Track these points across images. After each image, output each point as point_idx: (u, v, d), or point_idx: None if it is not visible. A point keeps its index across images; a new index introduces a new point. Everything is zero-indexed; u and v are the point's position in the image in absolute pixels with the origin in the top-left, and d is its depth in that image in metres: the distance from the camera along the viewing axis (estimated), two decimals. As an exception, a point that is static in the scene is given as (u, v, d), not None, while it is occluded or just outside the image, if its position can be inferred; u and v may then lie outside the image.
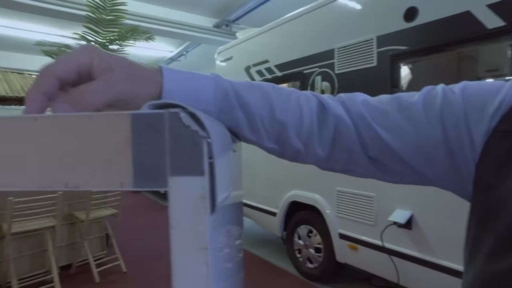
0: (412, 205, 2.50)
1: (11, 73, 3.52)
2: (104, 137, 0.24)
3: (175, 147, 0.24)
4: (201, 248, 0.24)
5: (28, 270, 3.43)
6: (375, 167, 0.46)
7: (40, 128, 0.25)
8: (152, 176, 0.24)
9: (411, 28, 2.39)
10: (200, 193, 0.24)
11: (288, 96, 0.45)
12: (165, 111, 0.24)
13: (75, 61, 0.33)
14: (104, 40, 4.48)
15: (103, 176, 0.24)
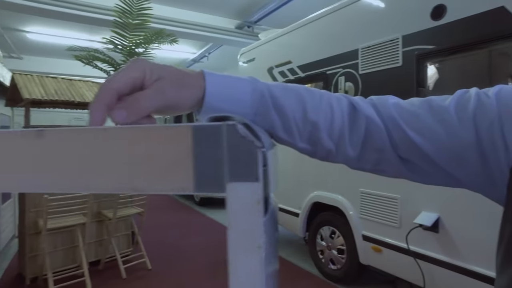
0: (439, 207, 2.44)
1: (46, 77, 3.70)
2: (168, 147, 0.27)
3: (233, 156, 0.26)
4: (257, 247, 0.26)
5: (61, 264, 3.60)
6: (406, 167, 0.47)
7: (110, 137, 0.28)
8: (211, 182, 0.27)
9: (439, 26, 2.34)
10: (256, 197, 0.26)
11: (320, 98, 0.46)
12: (223, 123, 0.26)
13: (130, 75, 0.36)
14: (130, 43, 4.63)
15: (167, 181, 0.27)
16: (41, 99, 3.25)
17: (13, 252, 4.39)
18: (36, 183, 0.31)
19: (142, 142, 0.27)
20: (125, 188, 0.28)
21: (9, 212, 4.75)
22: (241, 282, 0.27)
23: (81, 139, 0.29)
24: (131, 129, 0.28)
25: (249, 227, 0.26)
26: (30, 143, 0.31)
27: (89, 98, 3.74)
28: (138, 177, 0.28)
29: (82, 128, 0.29)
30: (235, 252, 0.27)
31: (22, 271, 3.57)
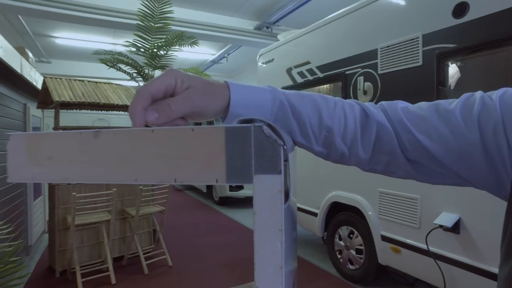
0: (460, 208, 2.40)
1: (73, 80, 3.88)
2: (204, 144, 0.32)
3: (259, 152, 0.31)
4: (278, 230, 0.31)
5: (88, 259, 3.76)
6: (414, 168, 0.50)
7: (156, 137, 0.34)
8: (240, 174, 0.32)
9: (461, 24, 2.31)
10: (278, 187, 0.31)
11: (335, 105, 0.50)
12: (251, 125, 0.31)
13: (164, 82, 0.42)
14: (152, 46, 4.77)
15: (203, 173, 0.32)
16: (69, 101, 3.41)
17: (44, 246, 4.62)
18: (93, 175, 0.37)
19: (183, 140, 0.33)
20: (168, 180, 0.33)
21: (39, 209, 5.00)
22: (265, 259, 0.32)
23: (131, 139, 0.35)
24: (174, 130, 0.33)
25: (271, 212, 0.31)
26: (89, 142, 0.37)
27: (114, 99, 3.89)
28: (179, 170, 0.33)
29: (132, 129, 0.35)
30: (260, 233, 0.32)
31: (52, 264, 3.76)
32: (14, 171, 0.40)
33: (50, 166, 0.38)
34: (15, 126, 3.82)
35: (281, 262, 0.31)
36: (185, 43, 4.89)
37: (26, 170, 0.39)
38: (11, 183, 3.63)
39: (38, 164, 0.38)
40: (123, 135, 0.35)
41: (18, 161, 0.40)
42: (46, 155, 0.38)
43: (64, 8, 5.66)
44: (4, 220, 2.87)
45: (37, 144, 0.39)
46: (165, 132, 0.34)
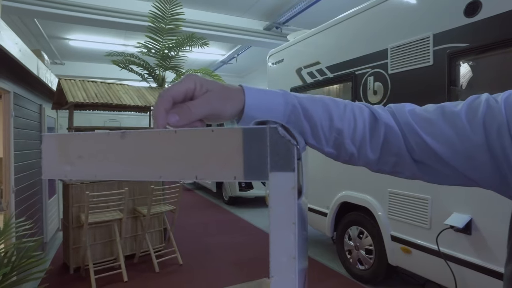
0: (472, 208, 2.39)
1: (87, 82, 3.97)
2: (223, 144, 0.35)
3: (274, 151, 0.34)
4: (291, 223, 0.34)
5: (100, 256, 3.84)
6: (420, 169, 0.51)
7: (179, 137, 0.37)
8: (257, 172, 0.34)
9: (473, 23, 2.29)
10: (291, 184, 0.33)
11: (344, 108, 0.52)
12: (267, 126, 0.34)
13: (184, 86, 0.45)
14: (163, 47, 4.84)
15: (222, 170, 0.35)
16: (83, 102, 3.49)
17: (58, 244, 4.73)
18: (119, 173, 0.40)
19: (203, 141, 0.36)
20: (190, 177, 0.36)
21: (54, 207, 5.12)
22: (279, 250, 0.34)
23: (156, 139, 0.38)
24: (195, 131, 0.36)
25: (285, 207, 0.34)
26: (115, 142, 0.40)
27: (126, 100, 3.96)
28: (200, 168, 0.36)
29: (157, 131, 0.38)
30: (275, 227, 0.34)
31: (66, 261, 3.85)
32: (47, 168, 0.43)
33: (80, 164, 0.41)
34: (31, 126, 3.93)
35: (294, 252, 0.34)
36: (196, 44, 4.94)
37: (58, 168, 0.42)
38: (28, 182, 3.73)
39: (69, 162, 0.42)
40: (148, 136, 0.38)
41: (51, 160, 0.43)
42: (76, 154, 0.42)
43: (78, 11, 5.79)
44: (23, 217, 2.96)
45: (68, 144, 0.42)
46: (187, 133, 0.36)
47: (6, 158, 3.08)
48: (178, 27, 4.69)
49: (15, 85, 3.27)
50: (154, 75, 5.12)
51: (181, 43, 4.77)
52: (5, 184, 3.08)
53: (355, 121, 0.51)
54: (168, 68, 5.01)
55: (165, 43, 4.80)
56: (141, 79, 5.29)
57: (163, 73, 5.07)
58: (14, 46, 2.74)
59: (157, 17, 4.61)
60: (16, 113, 3.26)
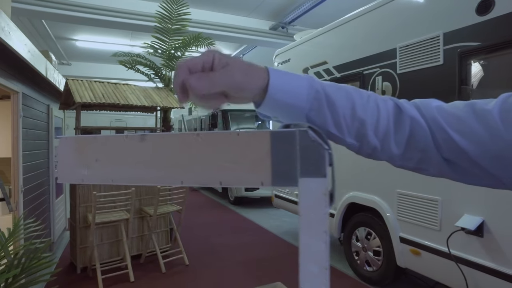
0: (484, 210, 2.34)
1: (94, 82, 3.98)
2: (249, 149, 0.33)
3: (304, 156, 0.32)
4: (323, 232, 0.32)
5: (107, 256, 3.85)
6: (450, 168, 0.49)
7: (202, 141, 0.35)
8: (285, 177, 0.32)
9: (485, 22, 2.25)
10: (323, 190, 0.32)
11: (368, 98, 0.50)
12: (296, 129, 0.32)
13: (200, 58, 0.43)
14: (169, 48, 4.84)
15: (248, 176, 0.33)
16: (90, 102, 3.50)
17: (65, 243, 4.75)
18: (138, 177, 0.38)
19: (228, 144, 0.34)
20: (213, 182, 0.35)
21: (61, 207, 5.15)
22: (310, 260, 0.32)
23: (177, 142, 0.36)
24: (219, 134, 0.34)
25: (316, 215, 0.32)
26: (134, 145, 0.38)
27: (132, 100, 3.96)
28: (224, 173, 0.34)
29: (178, 134, 0.36)
30: (305, 235, 0.32)
31: (73, 260, 3.87)
32: (64, 172, 0.42)
33: (97, 168, 0.40)
34: (39, 126, 3.95)
35: (326, 263, 0.32)
36: (202, 44, 4.94)
37: (75, 171, 0.41)
38: (36, 181, 3.75)
39: (86, 166, 0.40)
40: (168, 139, 0.36)
41: (67, 163, 0.42)
42: (93, 157, 0.40)
43: (84, 11, 5.82)
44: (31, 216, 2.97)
45: (86, 147, 0.41)
46: (211, 136, 0.35)
47: (15, 158, 3.09)
48: (184, 27, 4.69)
49: (23, 85, 3.29)
50: (160, 75, 5.13)
51: (187, 43, 4.77)
52: (14, 184, 3.09)
53: (378, 112, 0.49)
54: (175, 68, 5.00)
55: (171, 43, 4.81)
56: (148, 80, 5.30)
57: (170, 74, 5.07)
58: (23, 47, 2.75)
59: (164, 18, 4.61)
60: (25, 113, 3.28)
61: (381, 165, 0.41)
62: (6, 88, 2.83)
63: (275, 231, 5.48)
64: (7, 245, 1.50)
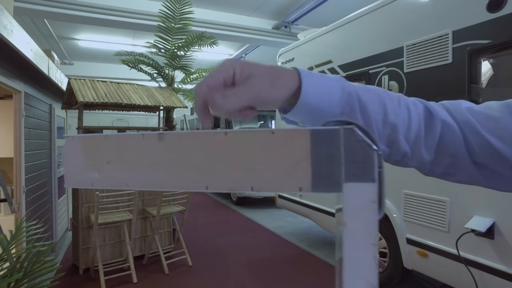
0: (494, 212, 2.30)
1: (97, 81, 3.95)
2: (286, 149, 0.29)
3: (349, 158, 0.28)
4: (371, 244, 0.28)
5: (110, 257, 3.82)
6: (482, 173, 0.46)
7: (229, 140, 0.31)
8: (327, 182, 0.28)
9: (496, 19, 2.20)
10: (371, 197, 0.27)
11: (398, 101, 0.46)
12: (341, 127, 0.28)
13: (221, 74, 0.39)
14: (172, 47, 4.81)
15: (284, 180, 0.29)
16: (93, 102, 3.47)
17: (67, 244, 4.73)
18: (156, 181, 0.34)
19: (261, 144, 0.30)
20: (243, 187, 0.30)
21: (63, 207, 5.12)
22: (356, 276, 0.28)
23: (202, 142, 0.32)
24: (250, 133, 0.30)
25: (364, 225, 0.28)
26: (152, 145, 0.34)
27: (135, 100, 3.93)
28: (256, 177, 0.30)
29: (203, 132, 0.32)
30: (350, 248, 0.28)
31: (76, 261, 3.83)
32: (71, 175, 0.38)
33: (109, 171, 0.36)
34: (41, 126, 3.92)
35: (374, 279, 0.28)
36: (205, 43, 4.90)
37: (83, 175, 0.37)
38: (38, 182, 3.72)
39: (97, 168, 0.36)
40: (191, 138, 0.32)
41: (75, 165, 0.38)
42: (104, 159, 0.36)
43: (86, 10, 5.80)
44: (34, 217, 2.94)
45: (96, 147, 0.37)
46: (240, 135, 0.31)
47: (17, 158, 3.06)
48: (187, 26, 4.65)
49: (26, 84, 3.25)
50: (163, 75, 5.09)
51: (190, 42, 4.73)
52: (16, 184, 3.06)
53: (409, 116, 0.46)
54: (177, 67, 4.97)
55: (174, 42, 4.77)
56: (150, 79, 5.27)
57: (173, 73, 5.03)
58: (26, 46, 2.72)
59: (168, 17, 4.58)
60: (27, 113, 3.25)
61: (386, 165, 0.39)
62: (8, 87, 2.80)
63: (278, 232, 5.44)
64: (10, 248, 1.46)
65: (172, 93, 4.46)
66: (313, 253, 4.37)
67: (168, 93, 4.41)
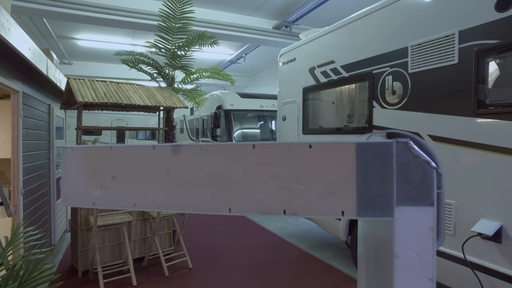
0: (502, 215, 2.25)
1: (96, 81, 3.90)
2: (327, 165, 0.25)
3: (403, 177, 0.23)
4: (429, 279, 0.23)
5: (109, 259, 3.77)
6: None
7: (259, 155, 0.26)
8: (376, 205, 0.24)
9: (505, 18, 2.16)
10: (430, 223, 0.23)
11: None
12: (393, 140, 0.23)
13: None
14: (173, 46, 4.75)
15: (324, 203, 0.25)
16: (92, 102, 3.41)
17: (66, 245, 4.67)
18: (170, 202, 0.30)
19: (297, 160, 0.25)
20: (275, 211, 0.26)
21: (62, 208, 5.06)
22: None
23: (225, 156, 0.27)
24: (285, 146, 0.26)
25: (420, 256, 0.24)
26: (164, 158, 0.30)
27: (135, 100, 3.88)
28: (291, 198, 0.26)
29: (226, 144, 0.27)
30: (403, 282, 0.24)
31: (74, 263, 3.78)
32: (70, 192, 0.34)
33: (114, 188, 0.31)
34: (40, 126, 3.87)
35: (432, 323, 0.24)
36: (205, 43, 4.85)
37: (84, 192, 0.32)
38: (36, 183, 3.67)
39: (100, 185, 0.32)
40: (213, 152, 0.28)
41: (74, 181, 0.33)
42: (109, 174, 0.32)
43: (86, 10, 5.74)
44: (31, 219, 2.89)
45: (99, 160, 0.32)
46: (271, 148, 0.26)
47: (15, 159, 3.01)
48: (188, 25, 4.60)
49: (24, 84, 3.20)
50: (163, 75, 5.04)
51: (191, 42, 4.68)
52: (14, 185, 3.01)
53: None
54: (178, 67, 4.92)
55: (175, 42, 4.72)
56: (150, 79, 5.22)
57: (173, 73, 4.98)
58: (24, 45, 2.67)
59: (168, 16, 4.53)
60: (25, 113, 3.19)
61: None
62: (6, 87, 2.75)
63: (279, 233, 5.39)
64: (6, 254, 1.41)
65: (173, 93, 4.41)
66: (314, 255, 4.32)
67: (168, 93, 4.36)
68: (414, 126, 2.82)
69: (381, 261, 0.26)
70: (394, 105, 3.04)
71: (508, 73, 2.25)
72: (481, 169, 2.36)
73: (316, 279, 3.64)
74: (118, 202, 0.30)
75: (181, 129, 11.53)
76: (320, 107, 4.25)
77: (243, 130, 7.67)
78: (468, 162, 2.44)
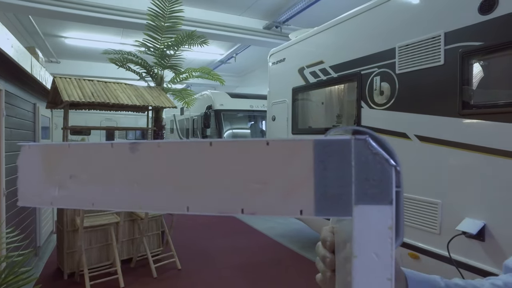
0: (485, 214, 2.29)
1: (83, 80, 3.83)
2: (285, 164, 0.24)
3: (362, 175, 0.23)
4: (387, 279, 0.23)
5: (96, 261, 3.71)
6: None
7: (217, 153, 0.25)
8: (334, 204, 0.23)
9: (488, 21, 2.19)
10: (388, 222, 0.23)
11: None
12: (351, 137, 0.23)
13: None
14: (162, 46, 4.71)
15: (283, 202, 0.24)
16: (79, 101, 3.36)
17: (52, 247, 4.59)
18: (128, 201, 0.28)
19: (255, 158, 0.24)
20: (232, 210, 0.25)
21: (48, 209, 4.97)
22: (371, 321, 0.23)
23: (183, 154, 0.26)
24: (242, 143, 0.25)
25: (378, 256, 0.23)
26: (123, 157, 0.29)
27: (123, 99, 3.83)
28: (249, 197, 0.25)
29: (184, 141, 0.26)
30: (362, 283, 0.23)
31: (60, 266, 3.72)
32: (26, 191, 0.32)
33: (72, 187, 0.30)
34: (25, 126, 3.79)
35: (391, 325, 0.23)
36: (195, 42, 4.82)
37: (41, 191, 0.31)
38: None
39: (57, 184, 0.30)
40: (170, 149, 0.27)
41: (31, 180, 0.32)
42: (67, 173, 0.30)
43: (74, 8, 5.65)
44: (14, 220, 2.82)
45: (56, 158, 0.31)
46: (229, 145, 0.25)
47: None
48: (177, 25, 4.56)
49: (7, 83, 3.13)
50: (152, 74, 4.99)
51: (180, 41, 4.65)
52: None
53: None
54: (167, 67, 4.88)
55: (164, 41, 4.68)
56: (139, 78, 5.16)
57: (162, 72, 4.94)
58: (6, 42, 2.61)
59: (157, 15, 4.48)
60: (8, 112, 3.12)
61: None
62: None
63: (268, 233, 5.39)
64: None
65: (161, 92, 4.37)
66: (304, 255, 4.33)
67: (157, 92, 4.32)
68: (401, 126, 2.85)
69: (348, 262, 0.25)
70: (382, 105, 3.07)
71: (491, 74, 2.29)
72: (466, 169, 2.39)
73: (306, 279, 3.64)
74: (77, 202, 0.29)
75: (171, 129, 11.44)
76: (309, 107, 4.27)
77: (233, 130, 7.65)
78: (454, 162, 2.48)
